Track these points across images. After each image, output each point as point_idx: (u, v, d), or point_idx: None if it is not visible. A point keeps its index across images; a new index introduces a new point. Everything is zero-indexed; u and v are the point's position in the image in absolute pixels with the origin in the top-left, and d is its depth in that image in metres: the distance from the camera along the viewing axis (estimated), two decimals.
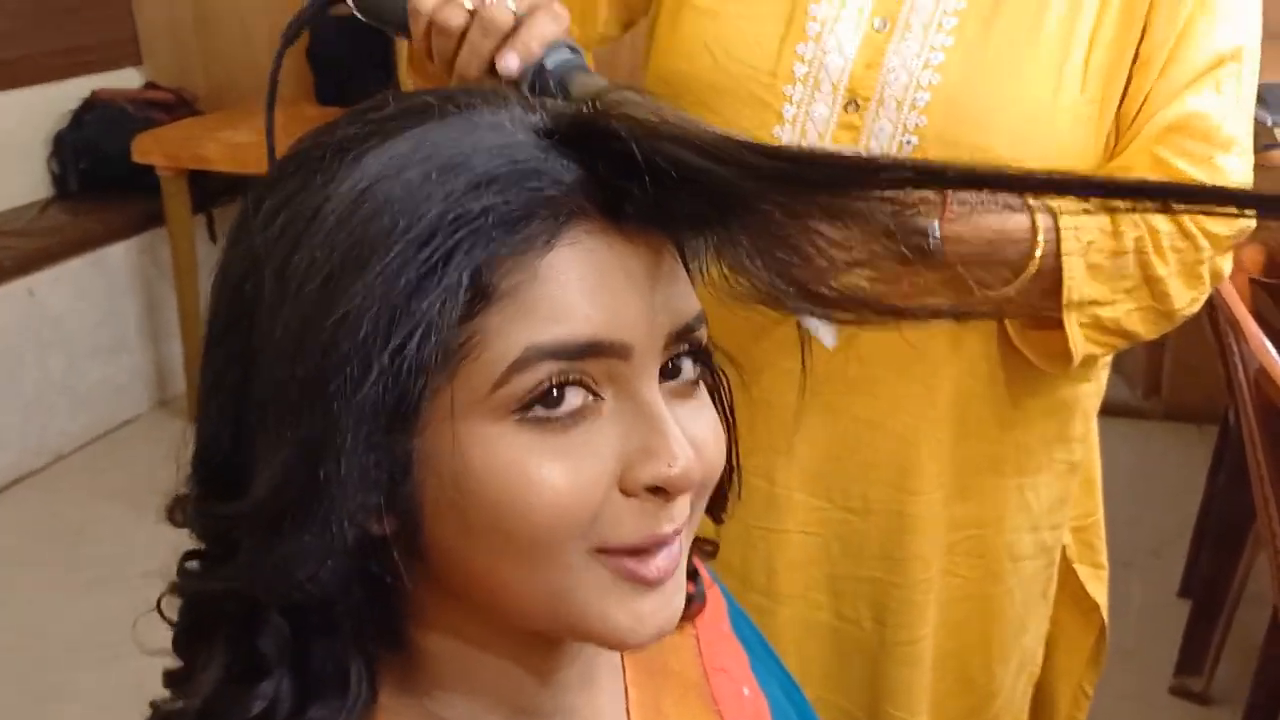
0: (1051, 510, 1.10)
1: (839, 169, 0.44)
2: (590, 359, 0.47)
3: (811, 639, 1.09)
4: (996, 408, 1.03)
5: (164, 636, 0.54)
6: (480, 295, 0.46)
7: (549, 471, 0.47)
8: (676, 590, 0.51)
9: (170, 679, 0.55)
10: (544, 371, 0.47)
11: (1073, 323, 0.94)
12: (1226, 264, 0.98)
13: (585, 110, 0.49)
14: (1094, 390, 1.09)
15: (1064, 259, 0.91)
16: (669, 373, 0.51)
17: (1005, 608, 1.11)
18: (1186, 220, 0.93)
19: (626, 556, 0.49)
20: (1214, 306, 1.56)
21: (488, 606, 0.52)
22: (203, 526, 0.51)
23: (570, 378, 0.47)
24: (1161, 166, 0.94)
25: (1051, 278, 0.92)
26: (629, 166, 0.45)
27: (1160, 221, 0.93)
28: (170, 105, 3.33)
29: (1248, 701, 1.59)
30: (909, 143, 0.94)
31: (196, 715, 0.51)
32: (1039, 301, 0.94)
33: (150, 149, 2.96)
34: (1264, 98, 2.09)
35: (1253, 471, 1.40)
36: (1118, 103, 0.96)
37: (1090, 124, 0.95)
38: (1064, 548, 1.15)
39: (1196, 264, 0.94)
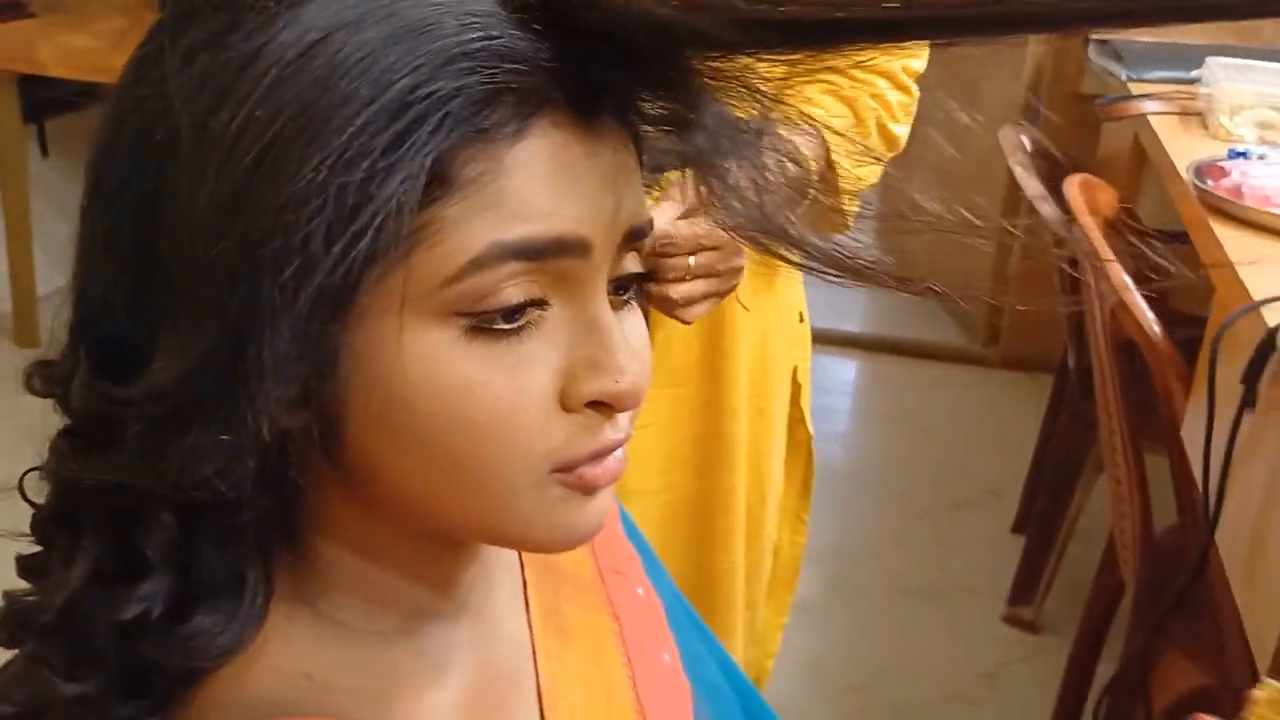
0: (791, 346, 1.22)
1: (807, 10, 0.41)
2: (551, 259, 0.45)
3: (647, 519, 1.15)
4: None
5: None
6: (439, 182, 0.42)
7: (493, 385, 0.44)
8: (609, 492, 0.50)
9: (25, 567, 0.50)
10: (504, 272, 0.43)
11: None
12: (918, 64, 1.12)
13: None
14: None
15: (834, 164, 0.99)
16: (614, 282, 0.48)
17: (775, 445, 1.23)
18: (899, 74, 1.09)
19: (584, 466, 0.47)
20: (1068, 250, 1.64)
21: (407, 517, 0.49)
22: (86, 405, 0.46)
23: (526, 281, 0.44)
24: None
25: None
26: (602, 44, 0.42)
27: (884, 88, 1.08)
28: None
29: (1081, 621, 1.69)
30: None
31: (58, 614, 0.47)
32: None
33: None
34: (1120, 54, 2.18)
35: (1100, 406, 1.48)
36: None
37: None
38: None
39: (911, 101, 1.11)
